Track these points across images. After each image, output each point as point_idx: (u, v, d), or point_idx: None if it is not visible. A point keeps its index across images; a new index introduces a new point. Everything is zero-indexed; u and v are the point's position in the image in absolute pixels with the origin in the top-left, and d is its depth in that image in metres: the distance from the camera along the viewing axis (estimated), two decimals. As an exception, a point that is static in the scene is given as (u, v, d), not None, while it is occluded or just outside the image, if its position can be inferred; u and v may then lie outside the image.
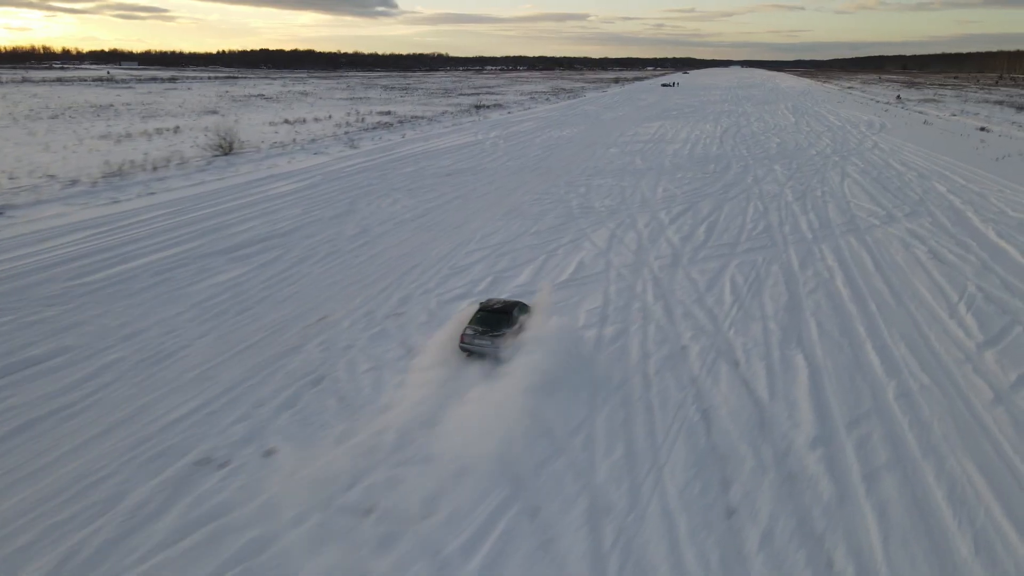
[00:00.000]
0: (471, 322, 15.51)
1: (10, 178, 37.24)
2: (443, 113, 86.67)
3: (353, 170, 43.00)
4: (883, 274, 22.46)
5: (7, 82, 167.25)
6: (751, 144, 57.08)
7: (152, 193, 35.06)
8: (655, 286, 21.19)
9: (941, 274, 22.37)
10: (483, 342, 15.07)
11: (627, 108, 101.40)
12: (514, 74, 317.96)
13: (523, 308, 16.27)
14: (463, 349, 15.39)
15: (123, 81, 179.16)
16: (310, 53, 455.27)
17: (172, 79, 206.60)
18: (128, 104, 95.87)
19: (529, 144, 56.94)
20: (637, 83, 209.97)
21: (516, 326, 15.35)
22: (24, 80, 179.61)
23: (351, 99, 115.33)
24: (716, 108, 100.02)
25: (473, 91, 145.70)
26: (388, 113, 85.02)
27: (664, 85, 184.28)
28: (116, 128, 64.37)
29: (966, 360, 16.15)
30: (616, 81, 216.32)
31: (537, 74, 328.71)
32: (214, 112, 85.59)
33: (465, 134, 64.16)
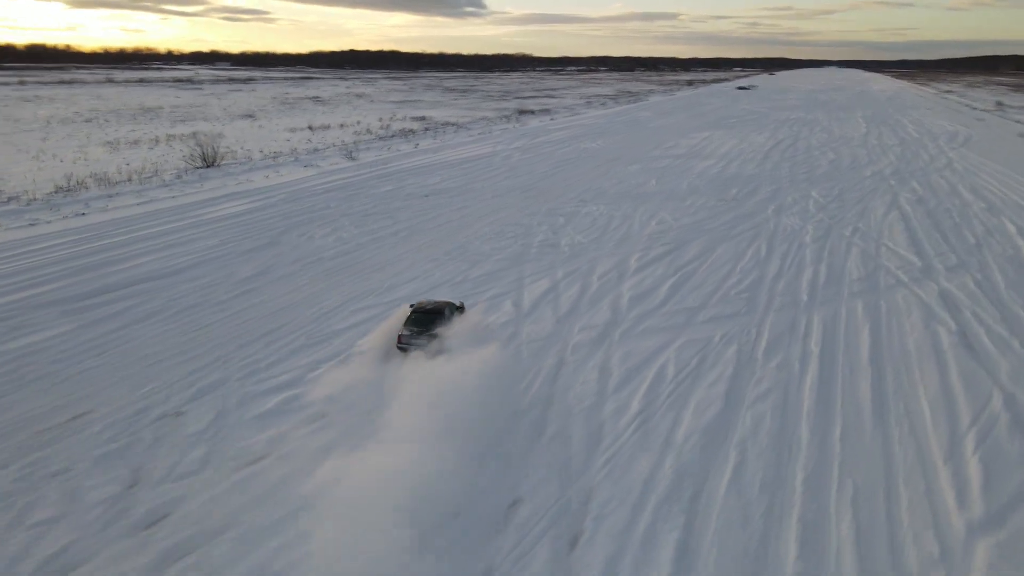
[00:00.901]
0: (406, 323, 16.31)
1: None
2: (481, 119, 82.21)
3: (323, 188, 38.98)
4: (876, 372, 16.30)
5: (90, 83, 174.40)
6: (798, 161, 49.94)
7: (83, 214, 32.02)
8: (547, 382, 15.81)
9: (962, 375, 16.01)
10: (420, 341, 15.78)
11: (683, 115, 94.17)
12: (591, 75, 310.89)
13: (454, 307, 17.27)
14: (400, 349, 16.01)
15: (198, 83, 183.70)
16: (394, 54, 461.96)
17: (247, 80, 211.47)
18: (176, 107, 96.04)
19: (545, 158, 51.68)
20: (714, 85, 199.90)
21: (449, 324, 16.19)
22: (108, 80, 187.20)
23: (401, 102, 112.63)
24: (782, 115, 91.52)
25: (533, 94, 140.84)
26: (423, 119, 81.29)
27: (740, 88, 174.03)
28: (135, 134, 63.05)
29: (939, 559, 10.17)
30: (690, 83, 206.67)
31: (615, 75, 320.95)
32: (250, 116, 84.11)
33: (486, 144, 59.43)
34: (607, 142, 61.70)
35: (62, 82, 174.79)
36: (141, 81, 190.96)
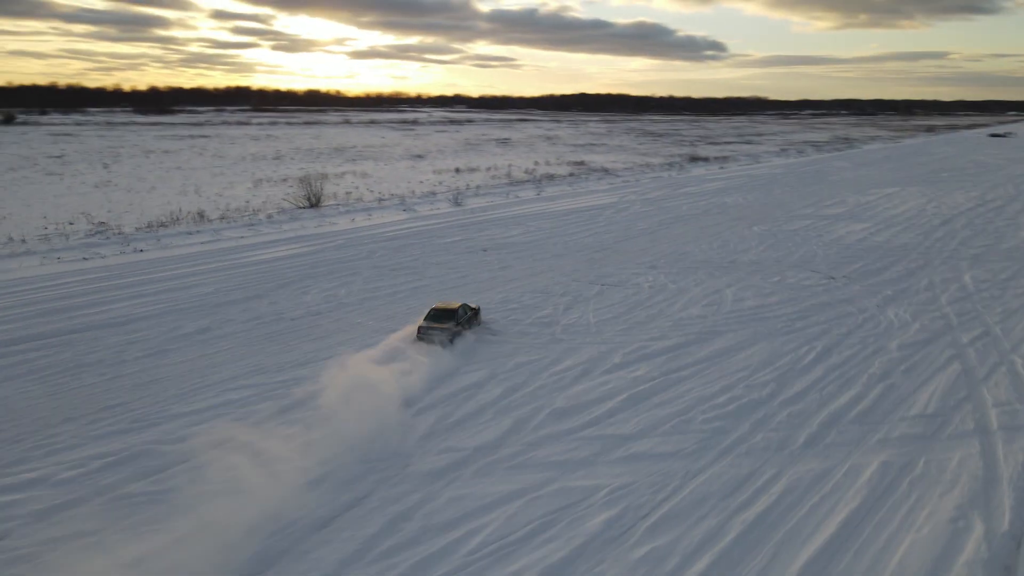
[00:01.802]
0: (425, 318, 20.59)
1: (44, 218, 38.54)
2: (643, 166, 77.39)
3: (392, 235, 37.47)
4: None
5: (329, 123, 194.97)
6: (985, 232, 39.53)
7: (141, 251, 33.22)
8: (313, 527, 11.83)
9: None
10: (433, 332, 19.96)
11: (886, 166, 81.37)
12: (824, 120, 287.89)
13: (468, 308, 21.44)
14: (419, 338, 20.10)
15: (418, 124, 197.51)
16: (621, 97, 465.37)
17: (465, 121, 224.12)
18: (368, 147, 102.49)
19: (663, 212, 46.33)
20: (965, 132, 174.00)
21: (461, 320, 20.59)
22: (345, 122, 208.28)
23: (583, 145, 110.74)
24: (1020, 169, 75.38)
25: (734, 139, 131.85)
26: (580, 164, 78.27)
27: (993, 136, 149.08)
28: (293, 171, 67.24)
29: None
30: (930, 130, 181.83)
31: (851, 120, 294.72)
32: (419, 157, 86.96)
33: (616, 194, 54.97)
34: (757, 197, 54.14)
35: (306, 123, 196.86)
36: (372, 122, 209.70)
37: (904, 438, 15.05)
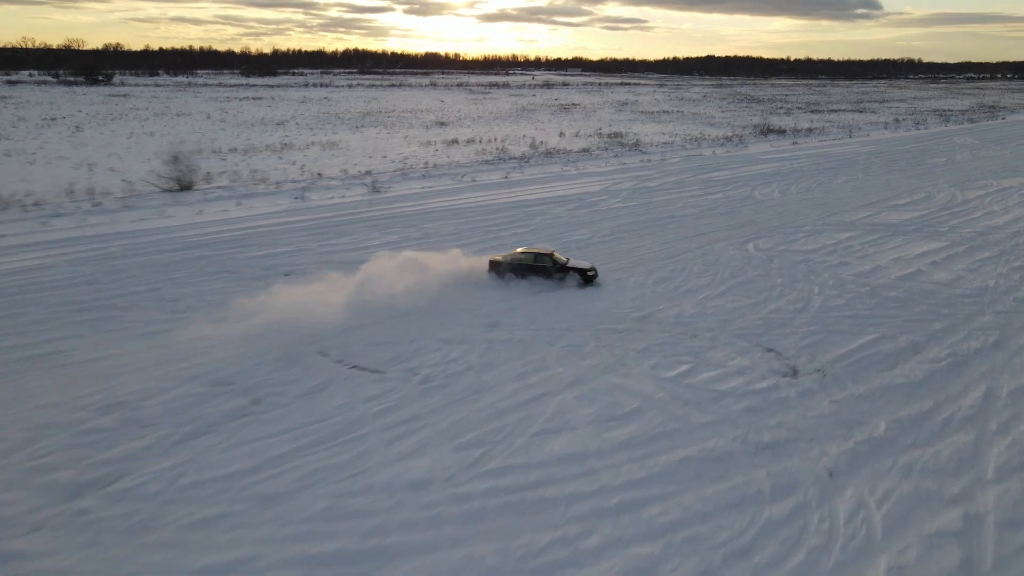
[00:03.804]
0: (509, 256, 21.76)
1: None
2: (692, 140, 62.57)
3: (202, 240, 26.87)
4: None
5: (413, 85, 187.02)
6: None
7: None
8: None
9: None
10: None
11: (1026, 144, 61.76)
12: (979, 84, 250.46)
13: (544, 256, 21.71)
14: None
15: (500, 86, 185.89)
16: (752, 60, 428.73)
17: (560, 84, 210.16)
18: (407, 111, 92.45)
19: (638, 212, 33.21)
20: None
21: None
22: (431, 84, 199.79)
23: (648, 113, 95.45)
24: None
25: (846, 107, 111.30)
26: (615, 136, 64.34)
27: None
28: (266, 139, 58.06)
29: None
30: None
31: (1016, 83, 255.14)
32: (442, 124, 75.97)
33: (610, 179, 41.79)
34: (805, 188, 39.28)
35: (391, 85, 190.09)
36: (460, 85, 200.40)
37: None
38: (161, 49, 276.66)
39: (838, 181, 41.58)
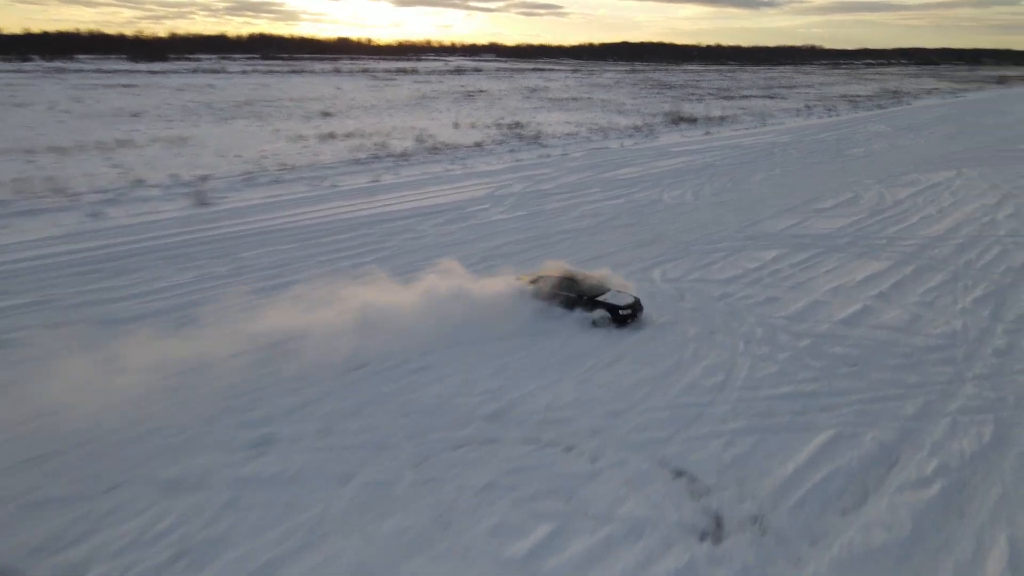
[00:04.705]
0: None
1: None
2: (599, 130, 57.09)
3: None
4: None
5: (317, 72, 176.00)
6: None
7: None
8: None
9: None
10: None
11: (943, 129, 59.31)
12: (879, 70, 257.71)
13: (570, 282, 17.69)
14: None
15: (408, 72, 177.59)
16: (665, 46, 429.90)
17: (471, 70, 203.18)
18: (297, 99, 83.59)
19: (507, 232, 26.92)
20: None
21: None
22: (335, 71, 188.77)
23: (556, 100, 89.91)
24: None
25: (756, 93, 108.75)
26: (516, 127, 58.24)
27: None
28: (100, 135, 49.01)
29: None
30: (1002, 81, 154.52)
31: (911, 69, 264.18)
32: (327, 115, 68.03)
33: (496, 180, 35.58)
34: (719, 187, 34.26)
35: (292, 71, 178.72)
36: (364, 71, 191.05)
37: None
38: (45, 33, 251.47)
39: (756, 178, 36.78)
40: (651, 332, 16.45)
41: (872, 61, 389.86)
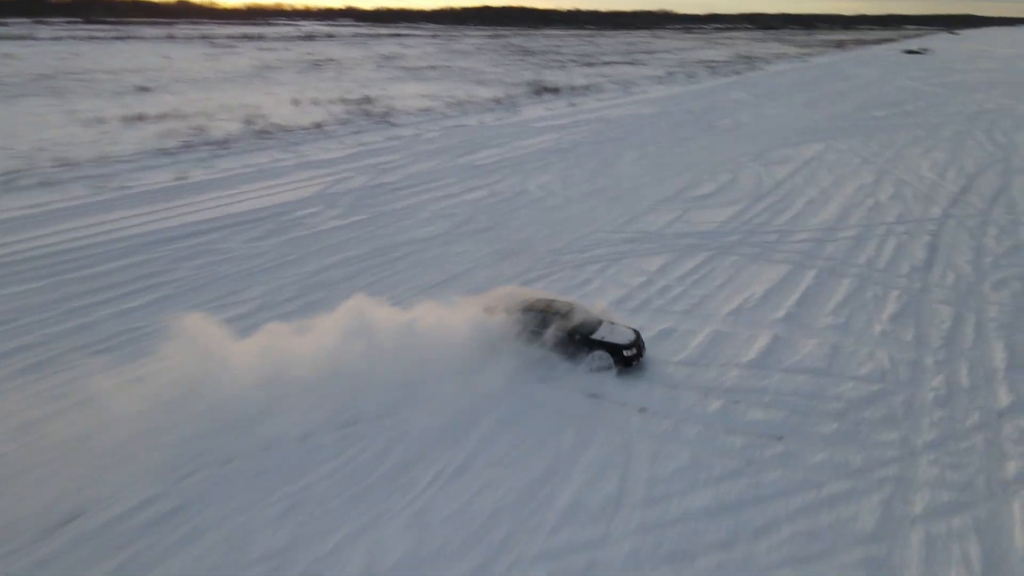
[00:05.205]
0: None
1: None
2: (459, 104, 52.07)
3: None
4: None
5: (148, 38, 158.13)
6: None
7: None
8: None
9: None
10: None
11: (801, 96, 58.89)
12: (729, 34, 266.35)
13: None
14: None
15: (254, 38, 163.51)
16: (526, 10, 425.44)
17: (324, 36, 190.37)
18: (113, 72, 72.27)
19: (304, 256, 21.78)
20: (875, 48, 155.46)
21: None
22: (168, 36, 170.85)
23: (411, 69, 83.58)
24: (967, 99, 54.24)
25: (618, 59, 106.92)
26: (366, 101, 52.10)
27: (908, 52, 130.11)
28: None
29: None
30: (839, 45, 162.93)
31: (757, 34, 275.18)
32: (144, 89, 58.66)
33: (360, 167, 29.94)
34: (588, 173, 30.40)
35: (117, 37, 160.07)
36: (203, 37, 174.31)
37: None
38: None
39: (627, 158, 33.38)
40: (512, 408, 12.10)
41: (720, 26, 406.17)
